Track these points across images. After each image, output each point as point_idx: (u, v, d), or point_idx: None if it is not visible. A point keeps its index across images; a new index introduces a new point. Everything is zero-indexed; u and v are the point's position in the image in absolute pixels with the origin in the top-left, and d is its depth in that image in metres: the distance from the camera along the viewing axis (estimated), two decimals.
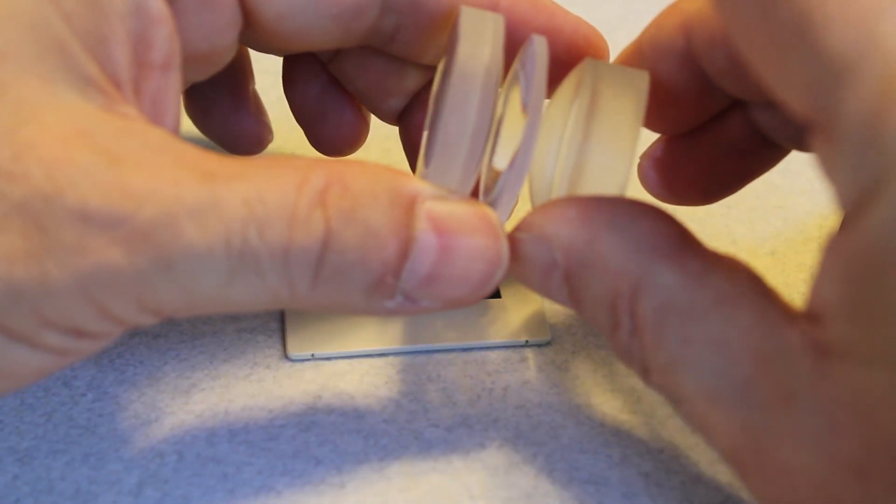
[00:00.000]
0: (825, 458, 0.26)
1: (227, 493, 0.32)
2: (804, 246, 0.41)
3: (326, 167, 0.29)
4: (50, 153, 0.27)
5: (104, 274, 0.27)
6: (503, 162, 0.32)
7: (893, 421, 0.25)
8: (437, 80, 0.35)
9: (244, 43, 0.36)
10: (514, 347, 0.37)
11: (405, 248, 0.29)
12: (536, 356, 0.36)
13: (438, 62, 0.35)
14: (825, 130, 0.25)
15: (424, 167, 0.33)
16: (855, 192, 0.25)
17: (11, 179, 0.27)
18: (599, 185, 0.32)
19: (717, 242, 0.41)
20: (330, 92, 0.39)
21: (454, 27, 0.33)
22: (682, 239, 0.30)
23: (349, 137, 0.39)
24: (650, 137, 0.36)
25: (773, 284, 0.29)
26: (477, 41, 0.31)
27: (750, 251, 0.41)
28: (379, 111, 0.39)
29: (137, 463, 0.32)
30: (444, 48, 0.35)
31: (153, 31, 0.31)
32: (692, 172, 0.36)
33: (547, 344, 0.37)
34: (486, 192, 0.33)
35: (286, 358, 0.36)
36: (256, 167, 0.28)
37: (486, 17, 0.32)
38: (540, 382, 0.36)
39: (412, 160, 0.39)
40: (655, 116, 0.34)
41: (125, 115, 0.29)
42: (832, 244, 0.26)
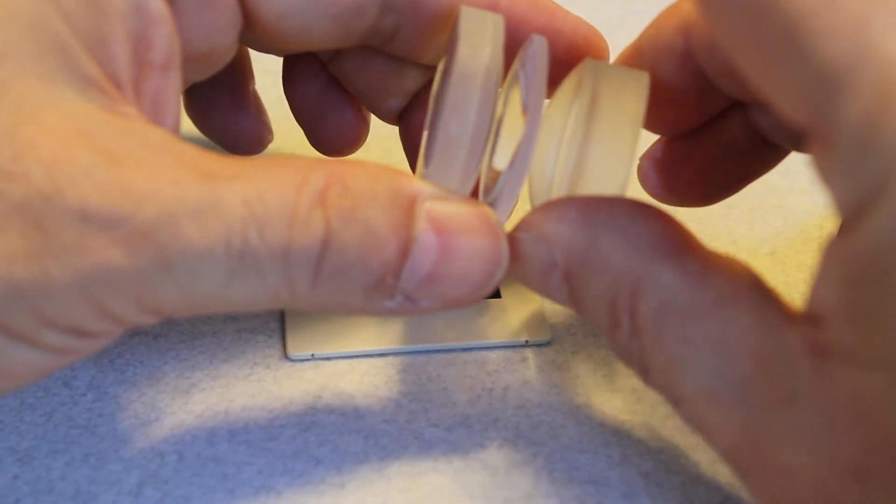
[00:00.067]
0: (824, 458, 0.26)
1: (227, 493, 0.32)
2: (804, 246, 0.41)
3: (326, 167, 0.29)
4: (50, 153, 0.27)
5: (104, 274, 0.27)
6: (503, 162, 0.32)
7: (892, 423, 0.25)
8: (437, 79, 0.35)
9: (244, 43, 0.36)
10: (514, 347, 0.37)
11: (405, 248, 0.29)
12: (536, 356, 0.36)
13: (438, 62, 0.35)
14: (821, 137, 0.25)
15: (424, 167, 0.33)
16: (853, 198, 0.25)
17: (12, 179, 0.27)
18: (599, 185, 0.32)
19: (717, 242, 0.41)
20: (330, 92, 0.39)
21: (454, 27, 0.33)
22: (681, 239, 0.30)
23: (349, 137, 0.39)
24: (650, 139, 0.36)
25: (773, 284, 0.29)
26: (477, 41, 0.31)
27: (750, 251, 0.41)
28: (379, 111, 0.39)
29: (137, 463, 0.32)
30: (444, 48, 0.35)
31: (153, 30, 0.31)
32: (692, 173, 0.36)
33: (547, 344, 0.37)
34: (486, 192, 0.33)
35: (286, 358, 0.36)
36: (256, 167, 0.28)
37: (486, 17, 0.32)
38: (540, 382, 0.36)
39: (412, 160, 0.39)
40: (655, 117, 0.34)
41: (125, 114, 0.29)
42: (831, 247, 0.26)
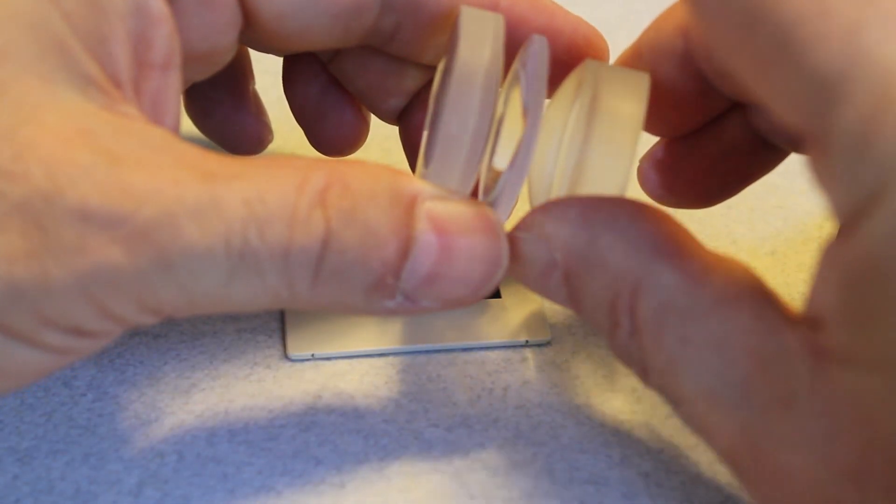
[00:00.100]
0: (823, 461, 0.26)
1: (227, 493, 0.32)
2: (804, 246, 0.41)
3: (327, 167, 0.29)
4: (50, 153, 0.27)
5: (104, 273, 0.27)
6: (503, 162, 0.32)
7: (890, 426, 0.25)
8: (437, 79, 0.35)
9: (244, 43, 0.36)
10: (514, 347, 0.37)
11: (405, 248, 0.29)
12: (536, 356, 0.36)
13: (438, 62, 0.35)
14: (817, 142, 0.25)
15: (424, 167, 0.33)
16: (850, 202, 0.25)
17: (12, 179, 0.27)
18: (599, 186, 0.32)
19: (717, 242, 0.41)
20: (330, 92, 0.39)
21: (454, 27, 0.33)
22: (681, 239, 0.30)
23: (349, 137, 0.39)
24: (650, 141, 0.36)
25: (773, 284, 0.29)
26: (477, 41, 0.31)
27: (750, 251, 0.41)
28: (379, 111, 0.39)
29: (137, 463, 0.32)
30: (444, 48, 0.35)
31: (153, 30, 0.31)
32: (692, 174, 0.36)
33: (547, 344, 0.37)
34: (486, 191, 0.33)
35: (286, 358, 0.36)
36: (257, 167, 0.28)
37: (486, 17, 0.32)
38: (540, 382, 0.35)
39: (412, 160, 0.39)
40: (654, 119, 0.34)
41: (125, 114, 0.29)
42: (829, 251, 0.26)
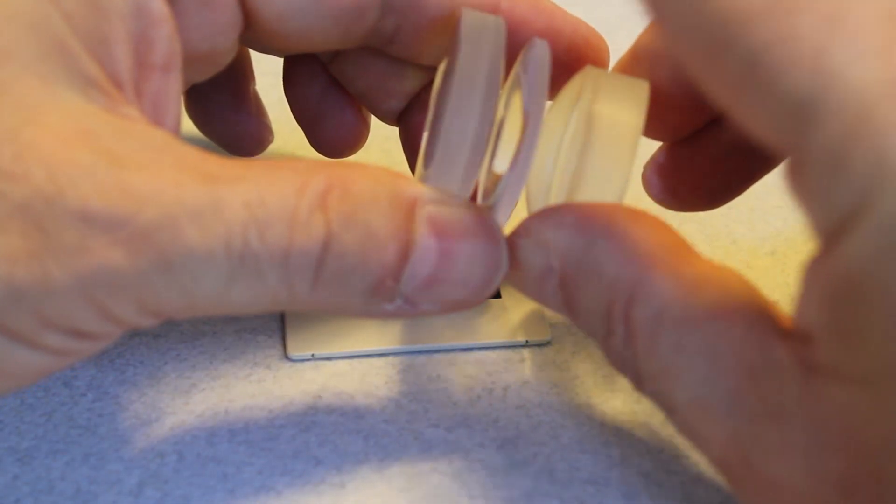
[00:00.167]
0: (811, 474, 0.27)
1: (227, 493, 0.32)
2: (804, 246, 0.41)
3: (327, 170, 0.29)
4: (51, 154, 0.27)
5: (105, 275, 0.27)
6: (503, 165, 0.32)
7: (876, 439, 0.25)
8: (437, 81, 0.35)
9: (245, 43, 0.36)
10: (513, 347, 0.37)
11: (405, 251, 0.29)
12: (536, 356, 0.36)
13: (438, 63, 0.35)
14: (794, 161, 0.26)
15: (424, 168, 0.33)
16: (829, 219, 0.25)
17: (13, 180, 0.27)
18: (597, 192, 0.32)
19: (717, 242, 0.41)
20: (330, 93, 0.39)
21: (455, 30, 0.33)
22: (678, 248, 0.30)
23: (349, 138, 0.39)
24: (650, 146, 0.36)
25: (773, 285, 0.29)
26: (478, 44, 0.31)
27: (750, 251, 0.41)
28: (379, 112, 0.39)
29: (137, 463, 0.32)
30: (444, 50, 0.35)
31: (154, 31, 0.31)
32: (695, 177, 0.36)
33: (547, 344, 0.37)
34: (485, 195, 0.33)
35: (286, 358, 0.36)
36: (257, 169, 0.29)
37: (487, 19, 0.32)
38: (540, 382, 0.36)
39: (412, 161, 0.39)
40: (654, 123, 0.34)
41: (126, 115, 0.29)
42: (812, 267, 0.26)
